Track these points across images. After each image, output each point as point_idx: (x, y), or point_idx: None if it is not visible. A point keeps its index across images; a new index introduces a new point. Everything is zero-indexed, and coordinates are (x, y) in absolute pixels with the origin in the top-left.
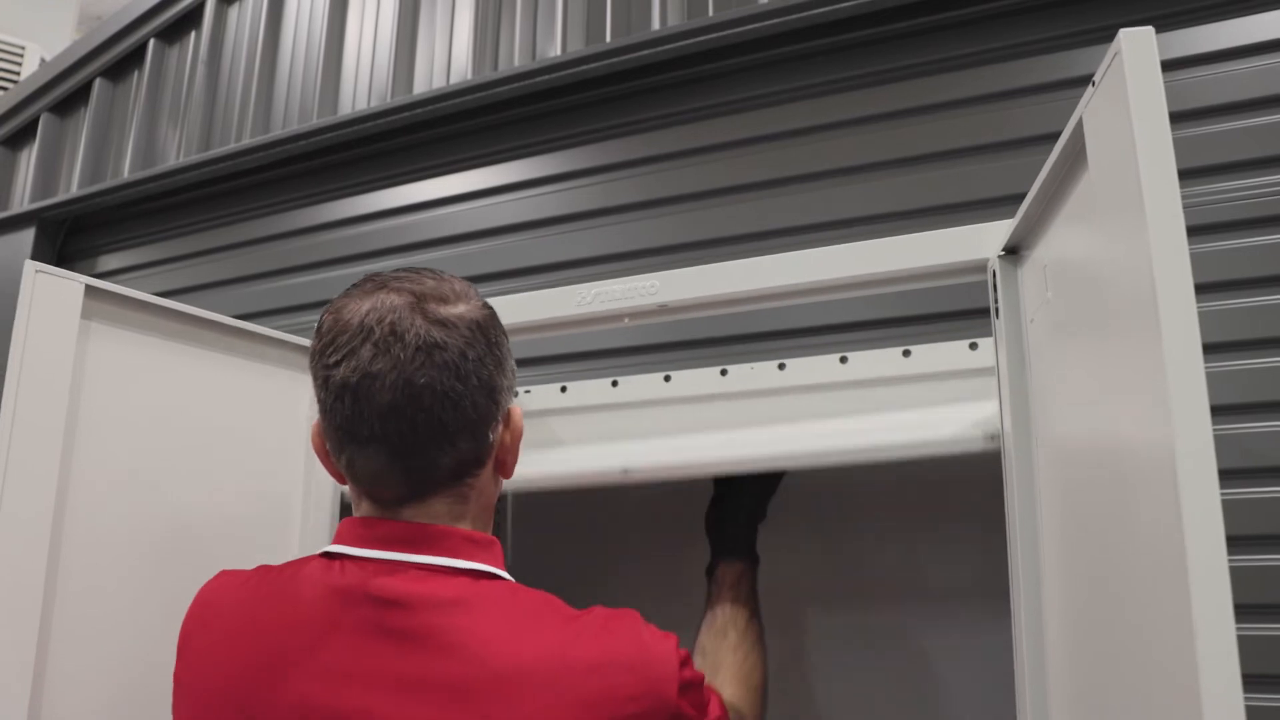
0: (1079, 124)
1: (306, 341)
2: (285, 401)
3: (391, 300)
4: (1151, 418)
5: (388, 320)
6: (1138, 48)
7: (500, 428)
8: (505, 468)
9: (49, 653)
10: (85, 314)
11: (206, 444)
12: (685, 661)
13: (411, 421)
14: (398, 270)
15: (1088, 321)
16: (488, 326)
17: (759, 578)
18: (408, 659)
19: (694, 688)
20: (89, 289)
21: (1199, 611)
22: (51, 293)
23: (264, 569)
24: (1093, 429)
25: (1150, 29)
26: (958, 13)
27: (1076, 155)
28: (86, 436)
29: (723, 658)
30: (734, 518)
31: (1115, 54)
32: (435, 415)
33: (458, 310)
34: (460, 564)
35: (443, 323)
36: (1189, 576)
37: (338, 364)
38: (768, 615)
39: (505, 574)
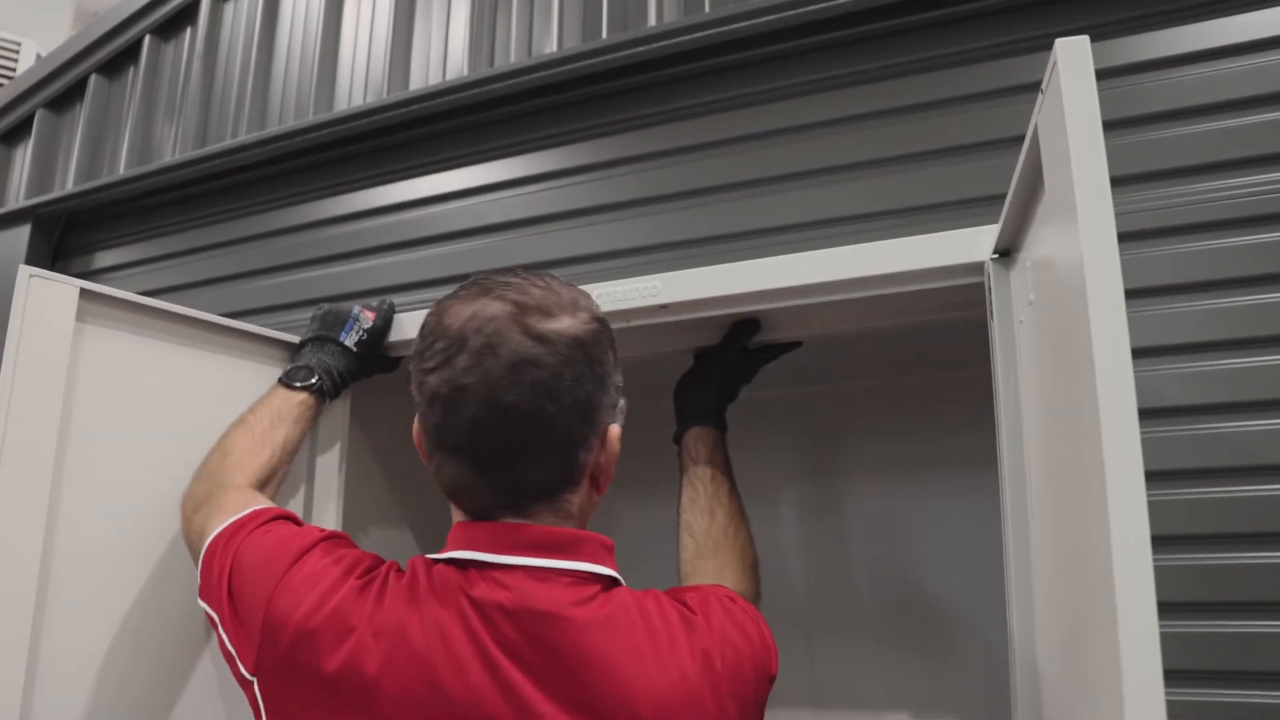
0: (1035, 129)
1: (296, 338)
2: None
3: (492, 309)
4: (1088, 425)
5: (486, 331)
6: (1073, 57)
7: (597, 447)
8: (599, 486)
9: (40, 651)
10: (80, 316)
11: (203, 444)
12: (765, 630)
13: (499, 438)
14: (514, 271)
15: (1052, 323)
16: (591, 343)
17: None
18: (575, 683)
19: (772, 652)
20: (84, 292)
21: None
22: (46, 297)
23: (365, 570)
24: (1055, 429)
25: (1085, 38)
26: (961, 8)
27: (1037, 159)
28: (81, 439)
29: (717, 540)
30: (703, 387)
31: (1053, 63)
32: (521, 434)
33: (559, 325)
34: (598, 569)
35: (541, 338)
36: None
37: (431, 371)
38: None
39: (619, 577)
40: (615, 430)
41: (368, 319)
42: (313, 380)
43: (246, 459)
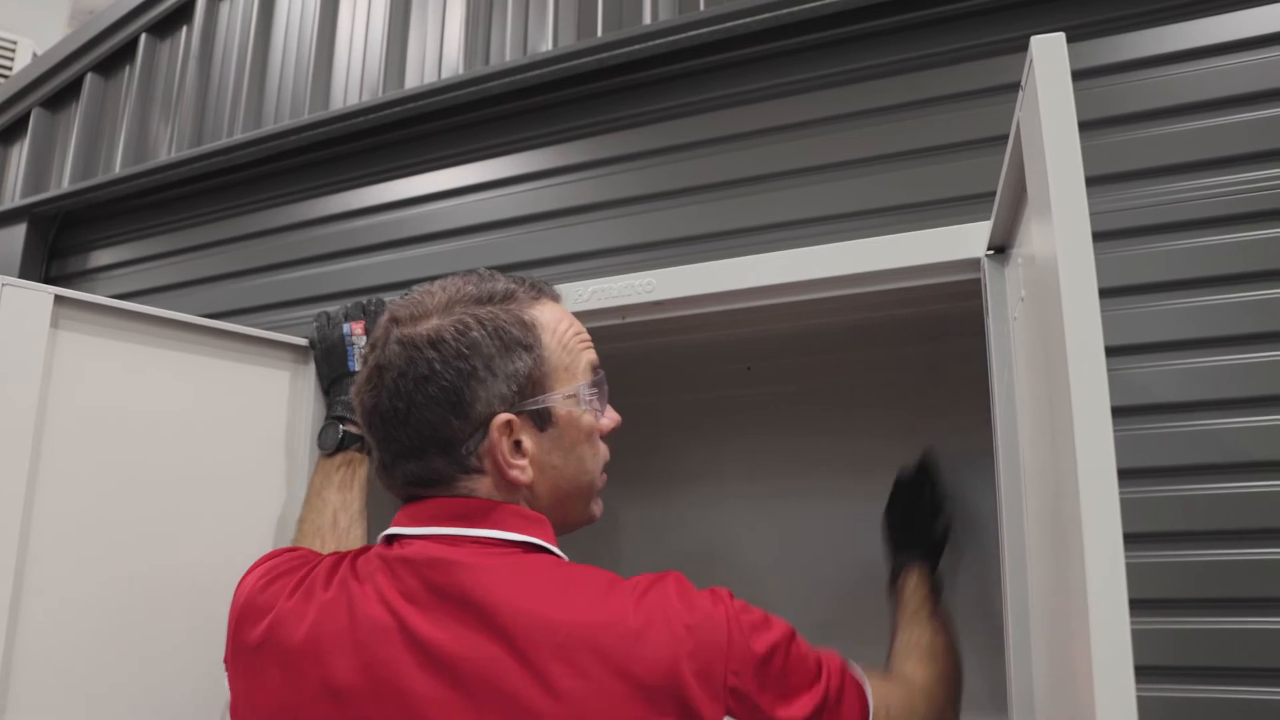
0: (1017, 127)
1: (288, 338)
2: (266, 399)
3: (380, 323)
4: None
5: (372, 345)
6: (1048, 54)
7: (482, 435)
8: (506, 473)
9: (14, 653)
10: (55, 322)
11: (188, 447)
12: (738, 609)
13: (377, 437)
14: (455, 276)
15: (1037, 319)
16: (455, 339)
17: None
18: (455, 625)
19: (756, 630)
20: (58, 298)
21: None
22: (19, 305)
23: (314, 569)
24: (1042, 424)
25: (1061, 36)
26: (958, 6)
27: (1020, 156)
28: (58, 446)
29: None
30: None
31: (1030, 61)
32: (389, 433)
33: (420, 328)
34: (514, 536)
35: (401, 342)
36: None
37: None
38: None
39: (555, 548)
40: (500, 418)
41: (360, 336)
42: (339, 434)
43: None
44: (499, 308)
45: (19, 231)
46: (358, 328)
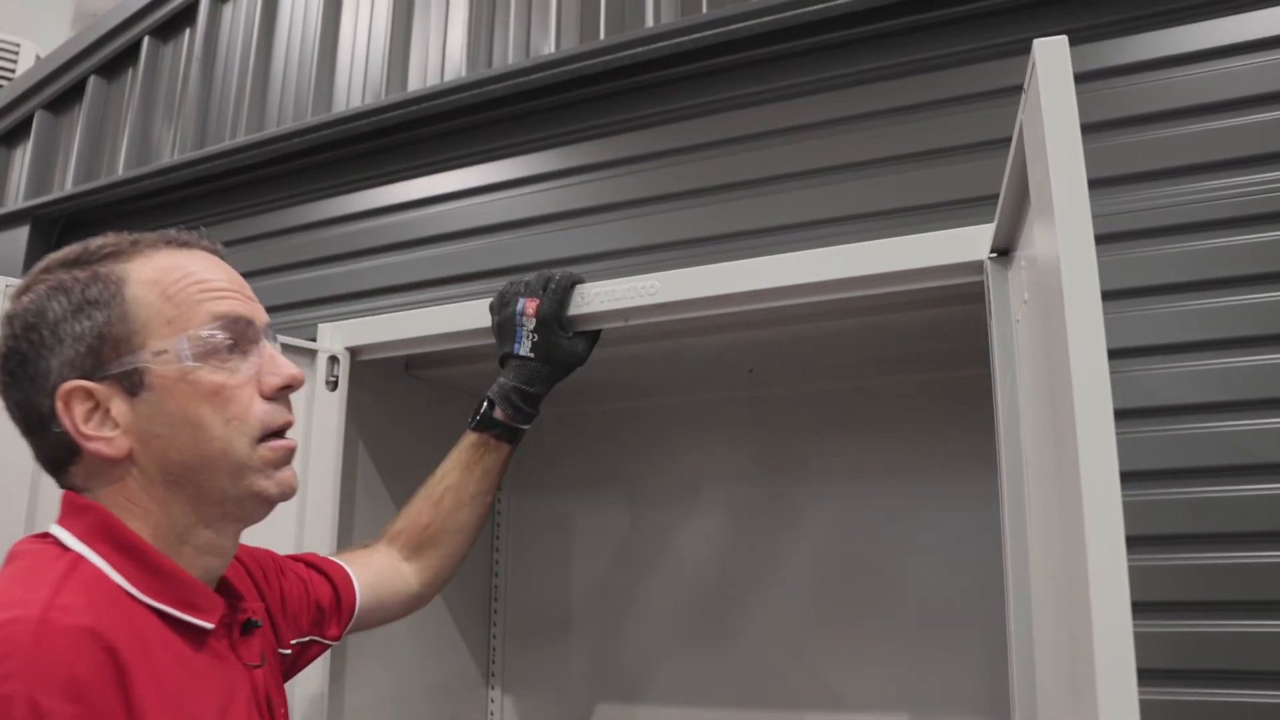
0: (1020, 129)
1: (292, 341)
2: None
3: None
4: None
5: None
6: (1051, 57)
7: (56, 410)
8: (83, 448)
9: None
10: None
11: None
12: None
13: None
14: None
15: (1040, 321)
16: (31, 312)
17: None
18: None
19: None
20: None
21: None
22: None
23: None
24: (1045, 427)
25: (1064, 39)
26: (962, 9)
27: (1023, 158)
28: None
29: None
30: None
31: (1033, 63)
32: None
33: (11, 307)
34: (55, 531)
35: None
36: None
37: None
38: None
39: (72, 541)
40: (63, 388)
41: (529, 317)
42: (477, 416)
43: (399, 518)
44: (80, 268)
45: (22, 234)
46: (530, 306)
